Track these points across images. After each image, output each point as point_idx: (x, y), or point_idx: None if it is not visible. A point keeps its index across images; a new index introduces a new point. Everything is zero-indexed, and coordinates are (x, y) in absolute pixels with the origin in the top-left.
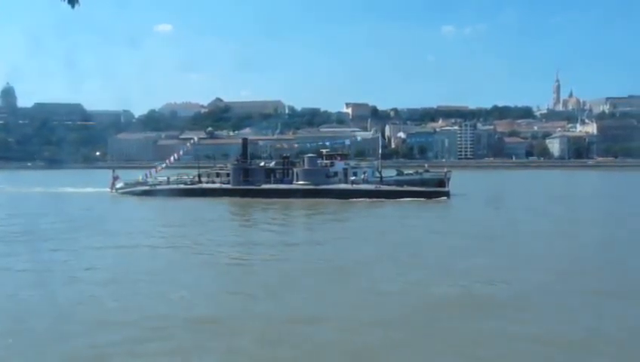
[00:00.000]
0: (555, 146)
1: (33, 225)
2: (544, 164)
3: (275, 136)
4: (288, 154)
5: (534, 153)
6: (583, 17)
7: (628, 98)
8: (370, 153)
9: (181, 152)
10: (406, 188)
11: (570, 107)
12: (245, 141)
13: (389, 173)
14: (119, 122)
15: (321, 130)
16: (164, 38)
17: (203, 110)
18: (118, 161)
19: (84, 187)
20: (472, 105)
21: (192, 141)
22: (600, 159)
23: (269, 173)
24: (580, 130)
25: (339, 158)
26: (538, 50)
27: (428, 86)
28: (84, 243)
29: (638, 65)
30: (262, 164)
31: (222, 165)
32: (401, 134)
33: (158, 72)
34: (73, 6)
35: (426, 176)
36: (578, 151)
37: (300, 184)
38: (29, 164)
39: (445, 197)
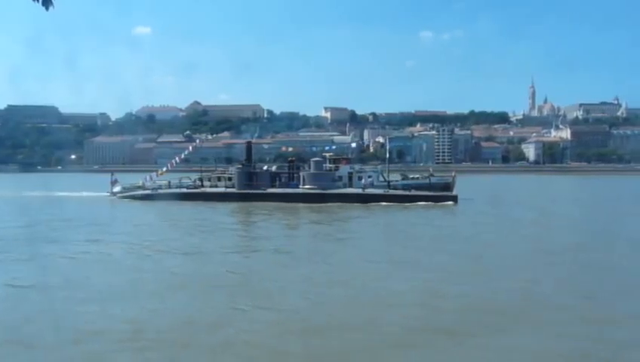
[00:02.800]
0: (530, 151)
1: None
2: (520, 168)
3: (254, 140)
4: (294, 158)
5: (510, 158)
6: (558, 25)
7: (600, 105)
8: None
9: (182, 155)
10: (414, 192)
11: (545, 113)
12: (249, 144)
13: (392, 178)
14: (95, 125)
15: (300, 134)
16: (143, 40)
17: (181, 114)
18: (95, 164)
19: (80, 191)
20: (450, 110)
21: (194, 144)
22: (574, 164)
23: (274, 177)
24: (554, 135)
25: (344, 162)
26: (514, 57)
27: (406, 91)
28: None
29: (610, 73)
30: (265, 167)
31: (223, 169)
32: (380, 138)
33: (136, 75)
34: (47, 8)
35: (433, 180)
36: (553, 156)
37: (306, 188)
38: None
39: (453, 202)
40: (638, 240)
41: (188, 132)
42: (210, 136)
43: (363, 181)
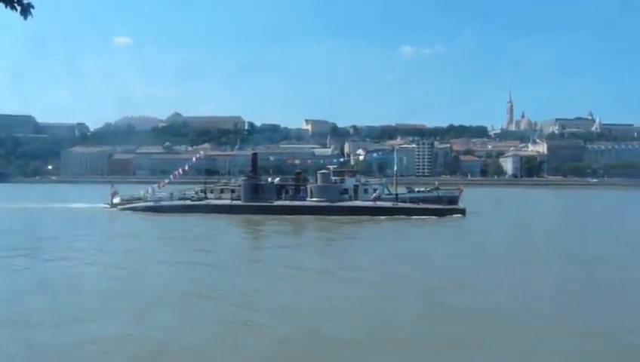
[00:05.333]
0: (508, 165)
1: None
2: (499, 181)
3: (234, 152)
4: (300, 170)
5: (489, 171)
6: (534, 43)
7: (575, 120)
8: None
9: (186, 167)
10: (422, 205)
11: (522, 127)
12: (255, 156)
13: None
14: (73, 135)
15: (281, 146)
16: (124, 50)
17: (161, 124)
18: (72, 175)
19: (74, 202)
20: (430, 123)
21: (198, 155)
22: (550, 178)
23: (280, 190)
24: (531, 149)
25: (349, 175)
26: (493, 72)
27: (387, 104)
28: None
29: (584, 89)
30: (269, 179)
31: (226, 181)
32: (360, 151)
33: (116, 85)
34: (26, 17)
35: (440, 193)
36: (530, 170)
37: (314, 201)
38: None
39: (461, 215)
40: None
41: (168, 143)
42: (190, 148)
43: (374, 194)
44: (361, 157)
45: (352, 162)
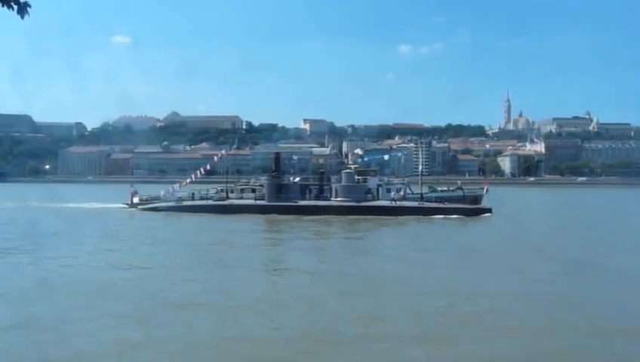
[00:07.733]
0: (506, 164)
1: None
2: (497, 181)
3: (233, 151)
4: (322, 170)
5: (486, 170)
6: (532, 42)
7: (572, 119)
8: (327, 169)
9: (207, 166)
10: (448, 205)
11: (520, 126)
12: (278, 155)
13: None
14: (71, 135)
15: (279, 145)
16: (122, 49)
17: (159, 124)
18: (70, 174)
19: (89, 202)
20: (428, 123)
21: (219, 155)
22: (548, 177)
23: (304, 189)
24: (529, 148)
25: (372, 174)
26: (490, 72)
27: (384, 103)
28: None
29: (581, 89)
30: (291, 178)
31: (246, 180)
32: (359, 150)
33: (114, 84)
34: (23, 16)
35: (465, 192)
36: (528, 169)
37: (339, 200)
38: None
39: (489, 214)
40: None
41: (166, 143)
42: (188, 147)
43: (394, 193)
44: (384, 157)
45: (350, 161)
